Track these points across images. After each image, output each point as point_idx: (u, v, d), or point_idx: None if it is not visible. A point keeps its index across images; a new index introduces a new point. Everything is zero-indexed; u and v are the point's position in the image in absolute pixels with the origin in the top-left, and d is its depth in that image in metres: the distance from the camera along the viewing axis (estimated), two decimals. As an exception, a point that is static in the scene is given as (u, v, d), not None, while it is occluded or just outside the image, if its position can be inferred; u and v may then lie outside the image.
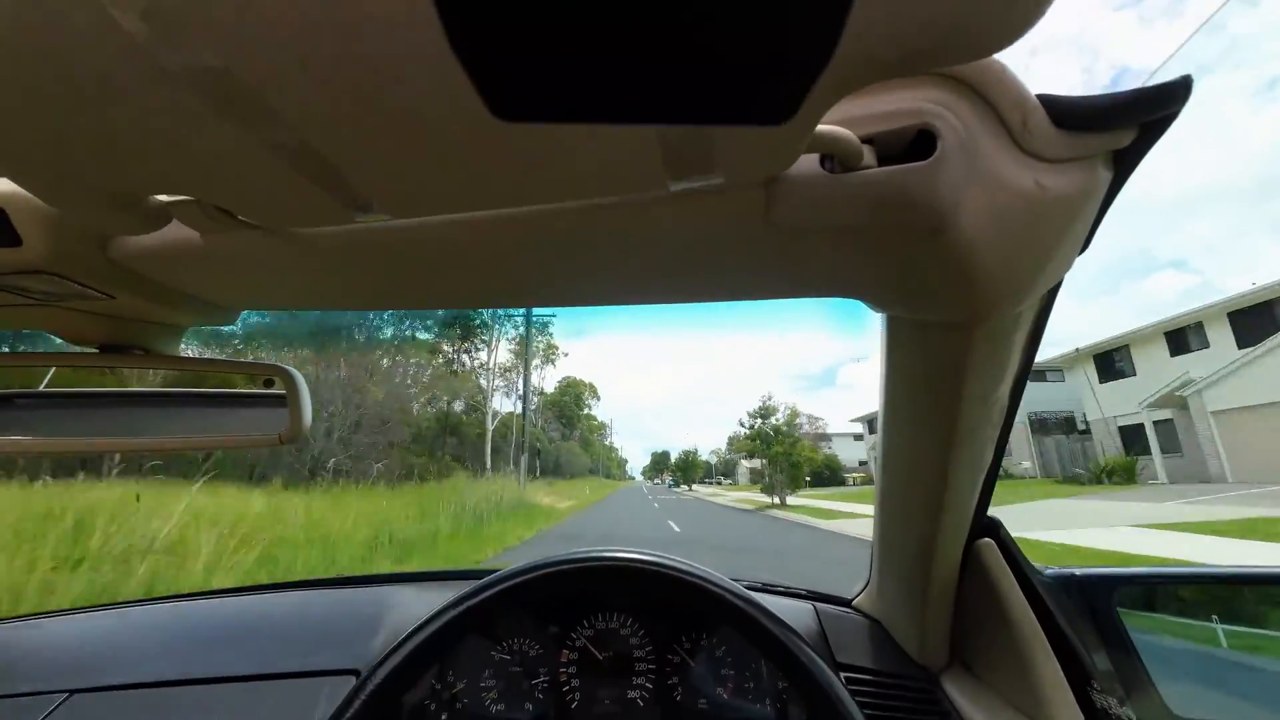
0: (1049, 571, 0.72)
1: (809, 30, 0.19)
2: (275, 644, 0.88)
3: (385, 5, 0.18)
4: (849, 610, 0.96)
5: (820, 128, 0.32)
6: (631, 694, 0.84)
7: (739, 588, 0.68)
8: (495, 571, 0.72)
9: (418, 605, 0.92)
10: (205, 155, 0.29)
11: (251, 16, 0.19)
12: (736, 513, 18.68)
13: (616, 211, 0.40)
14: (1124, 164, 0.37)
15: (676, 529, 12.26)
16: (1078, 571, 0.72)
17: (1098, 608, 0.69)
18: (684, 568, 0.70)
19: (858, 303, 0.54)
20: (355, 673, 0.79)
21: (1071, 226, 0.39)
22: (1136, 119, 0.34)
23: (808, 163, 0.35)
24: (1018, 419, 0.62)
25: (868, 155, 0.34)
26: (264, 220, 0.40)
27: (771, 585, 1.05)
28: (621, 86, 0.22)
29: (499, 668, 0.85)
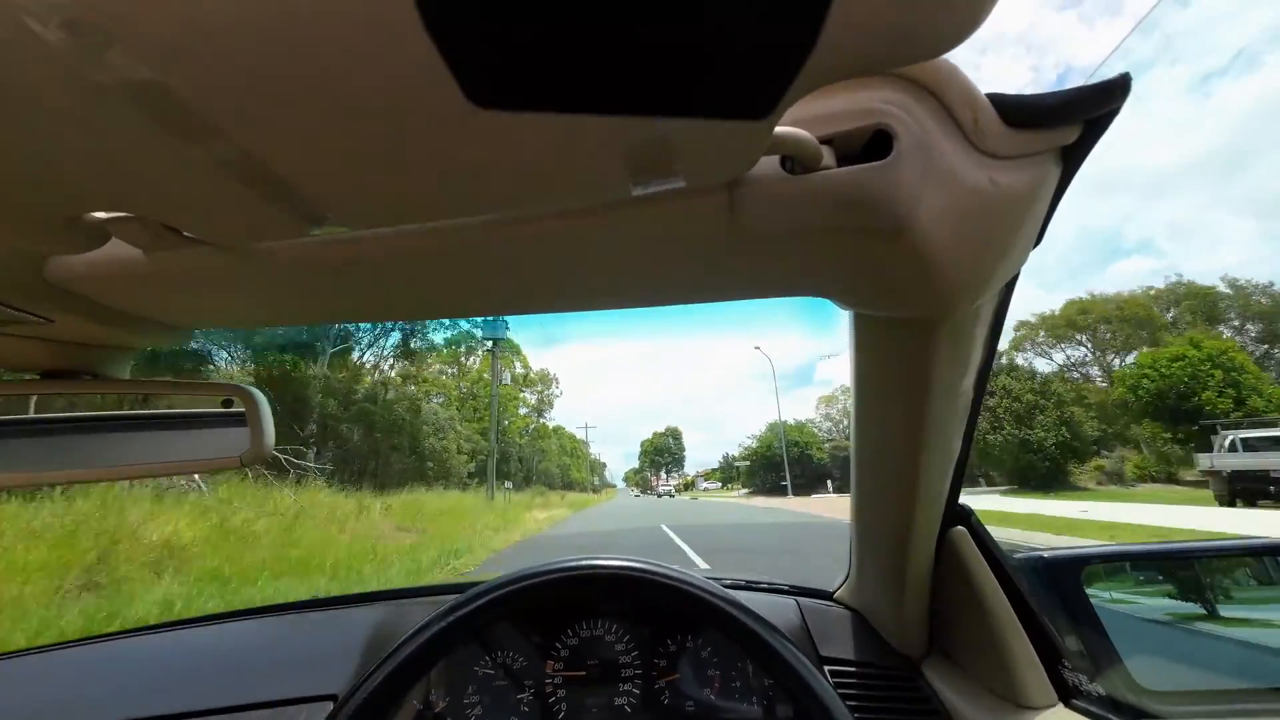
0: (1019, 555, 0.74)
1: (790, 29, 0.19)
2: (247, 674, 0.85)
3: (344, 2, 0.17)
4: (831, 603, 0.98)
5: (779, 129, 0.32)
6: (619, 700, 0.84)
7: (719, 588, 0.68)
8: (476, 585, 0.71)
9: (396, 624, 0.90)
10: (144, 171, 0.28)
11: (182, 26, 0.18)
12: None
13: (581, 217, 0.39)
14: (1072, 159, 0.39)
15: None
16: (1046, 554, 0.74)
17: (1066, 588, 0.71)
18: (664, 572, 0.70)
19: (827, 300, 0.55)
20: (333, 698, 0.77)
21: (1025, 221, 0.40)
22: (1081, 116, 0.36)
23: (768, 164, 0.36)
24: None
25: (827, 156, 0.35)
26: (212, 236, 0.38)
27: (755, 582, 1.06)
28: (604, 75, 0.21)
29: (483, 683, 0.84)
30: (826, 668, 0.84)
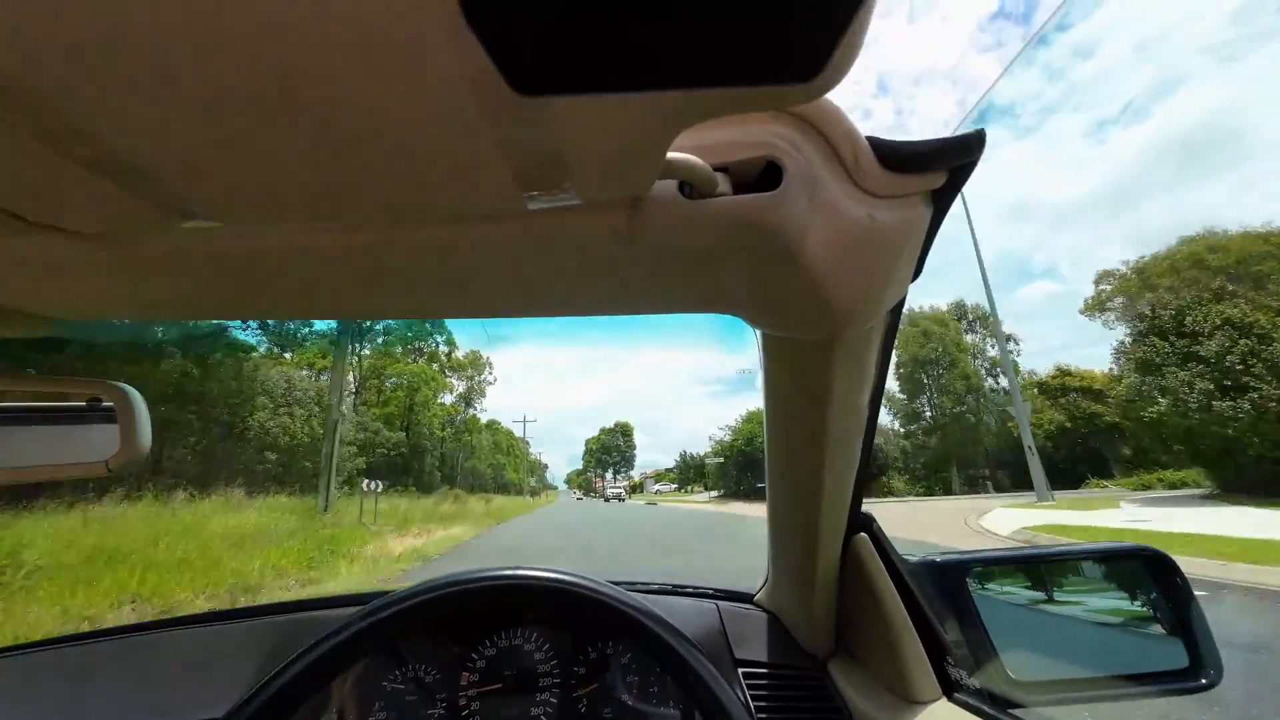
0: (914, 559, 0.79)
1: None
2: (121, 696, 0.78)
3: None
4: (750, 606, 1.00)
5: (673, 155, 0.33)
6: (535, 711, 0.82)
7: (630, 597, 0.69)
8: (385, 595, 0.68)
9: (296, 639, 0.83)
10: None
11: (19, 12, 0.17)
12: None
13: (478, 225, 0.39)
14: (940, 203, 0.42)
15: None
16: (938, 558, 0.80)
17: (954, 590, 0.77)
18: (578, 581, 0.70)
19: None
20: None
21: (902, 255, 0.43)
22: (945, 164, 0.39)
23: (666, 188, 0.37)
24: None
25: (722, 183, 0.36)
26: (66, 224, 0.35)
27: (681, 587, 1.07)
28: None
29: (392, 698, 0.80)
30: (741, 670, 0.86)
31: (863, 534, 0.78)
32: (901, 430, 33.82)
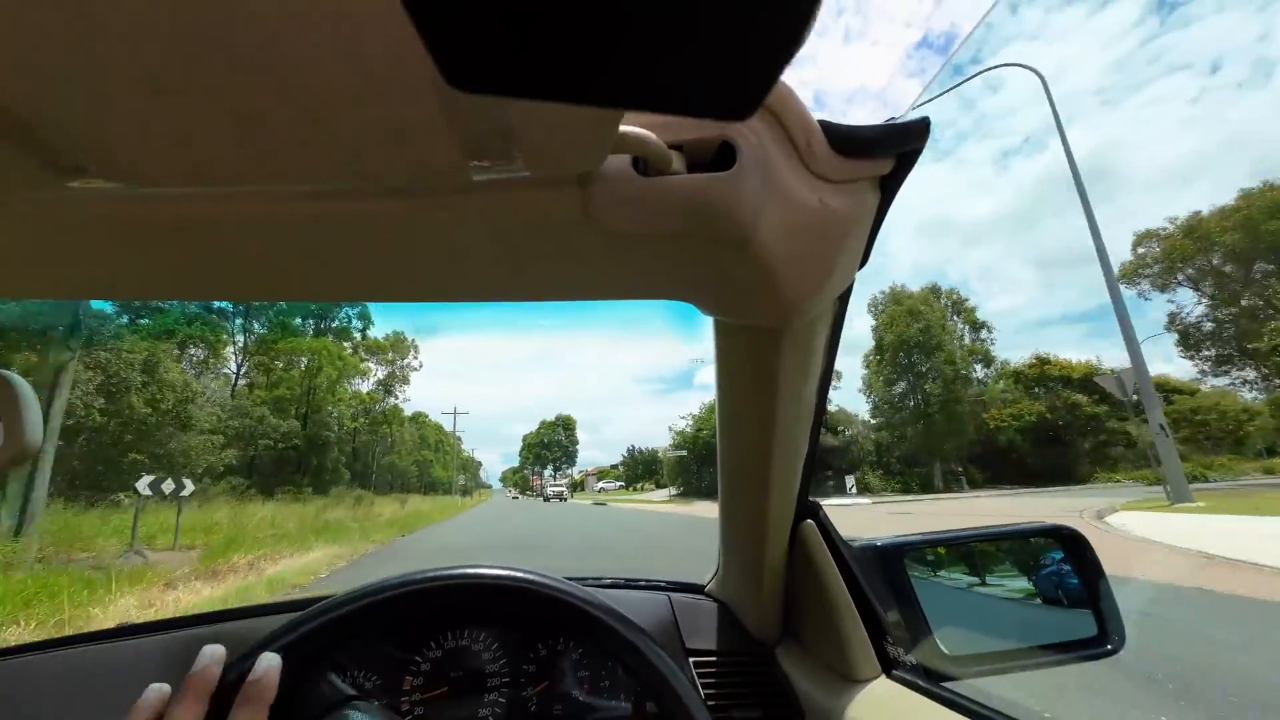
0: (857, 544, 0.83)
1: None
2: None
3: None
4: (701, 597, 1.02)
5: (625, 129, 0.33)
6: (483, 712, 0.79)
7: (585, 592, 0.68)
8: (326, 598, 0.65)
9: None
10: None
11: None
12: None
13: (422, 198, 0.36)
14: (887, 190, 0.44)
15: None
16: (879, 542, 0.84)
17: (893, 572, 0.81)
18: (533, 579, 0.69)
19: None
20: None
21: (850, 241, 0.44)
22: (894, 149, 0.41)
23: (620, 163, 0.36)
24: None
25: (676, 161, 0.36)
26: None
27: (633, 580, 1.07)
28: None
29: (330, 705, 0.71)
30: (691, 659, 0.87)
31: (810, 521, 0.80)
32: (874, 421, 31.04)
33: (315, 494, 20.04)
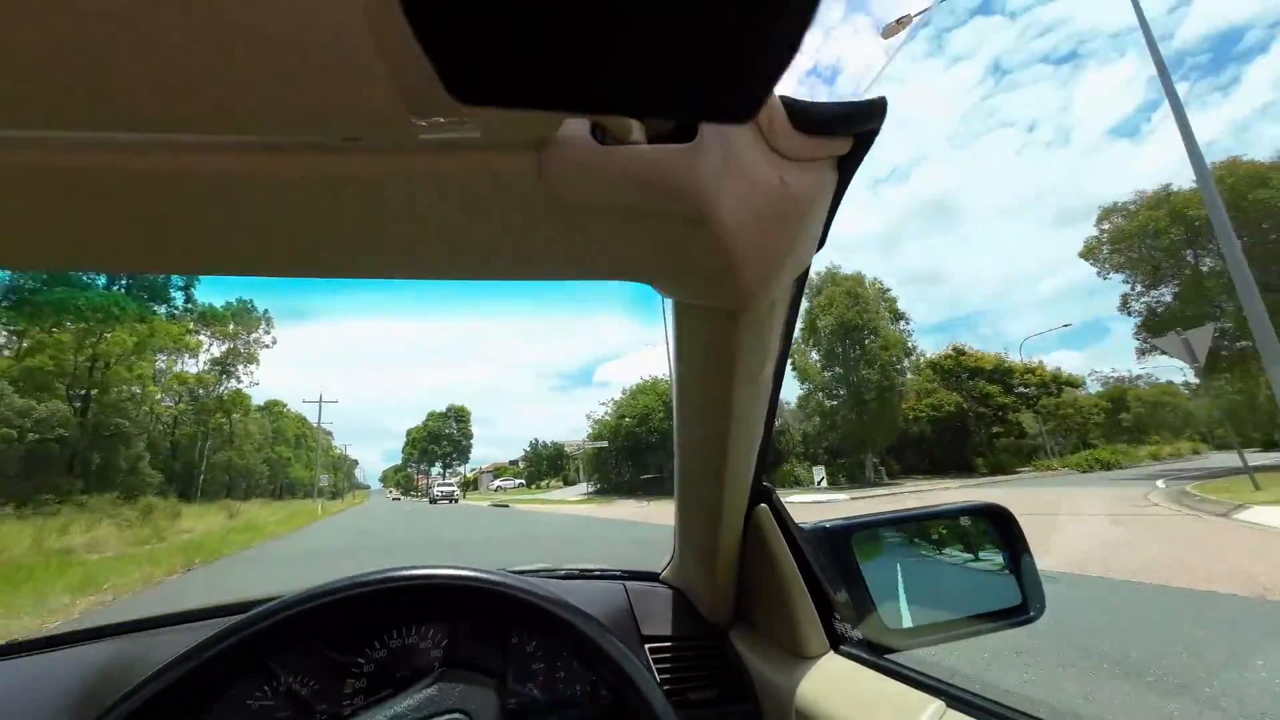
0: (808, 526, 0.85)
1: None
2: None
3: None
4: (656, 584, 1.02)
5: None
6: None
7: (539, 586, 0.67)
8: (269, 601, 0.61)
9: (152, 661, 0.65)
10: None
11: None
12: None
13: (360, 154, 0.33)
14: (845, 170, 0.44)
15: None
16: (828, 524, 0.86)
17: (841, 552, 0.84)
18: (486, 577, 0.67)
19: (615, 290, 0.54)
20: None
21: (808, 223, 0.44)
22: (853, 128, 0.41)
23: (577, 129, 0.34)
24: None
25: (637, 130, 0.35)
26: None
27: (588, 570, 1.07)
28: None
29: (257, 717, 0.67)
30: (647, 645, 0.87)
31: (763, 505, 0.82)
32: (803, 411, 28.58)
33: (98, 505, 14.56)
